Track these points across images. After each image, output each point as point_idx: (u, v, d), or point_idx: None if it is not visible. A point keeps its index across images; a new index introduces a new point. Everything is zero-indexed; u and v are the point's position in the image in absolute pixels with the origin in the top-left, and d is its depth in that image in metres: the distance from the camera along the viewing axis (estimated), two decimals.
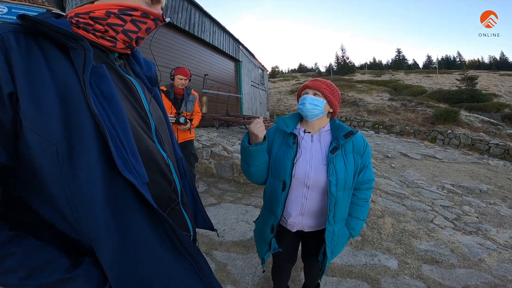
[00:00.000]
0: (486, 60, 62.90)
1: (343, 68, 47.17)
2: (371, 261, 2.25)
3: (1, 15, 7.42)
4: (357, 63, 65.76)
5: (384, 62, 69.52)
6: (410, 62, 63.88)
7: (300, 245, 1.55)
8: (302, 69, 79.06)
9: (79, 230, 0.48)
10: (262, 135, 1.17)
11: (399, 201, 3.72)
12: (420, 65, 64.81)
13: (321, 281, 1.75)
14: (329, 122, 1.35)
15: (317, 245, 1.38)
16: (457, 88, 20.32)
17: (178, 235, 0.55)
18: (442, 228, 2.99)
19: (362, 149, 1.29)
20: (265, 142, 1.22)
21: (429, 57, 66.57)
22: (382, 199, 3.72)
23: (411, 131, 14.06)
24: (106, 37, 0.59)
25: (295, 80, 38.44)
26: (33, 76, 0.45)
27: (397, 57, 60.87)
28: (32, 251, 0.45)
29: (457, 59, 61.31)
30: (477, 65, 56.46)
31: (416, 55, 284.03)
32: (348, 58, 52.81)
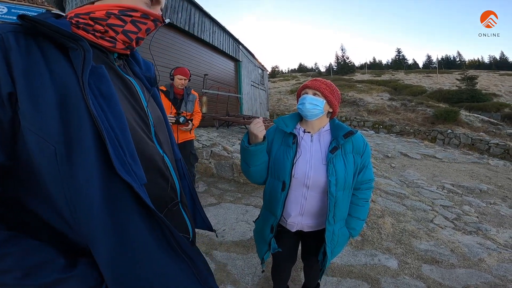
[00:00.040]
0: (486, 60, 62.97)
1: (343, 68, 47.17)
2: (371, 261, 2.25)
3: (0, 15, 7.43)
4: (357, 63, 65.81)
5: (384, 62, 69.54)
6: (410, 62, 64.05)
7: (300, 245, 1.55)
8: (302, 69, 79.08)
9: (76, 231, 0.48)
10: (262, 135, 1.17)
11: (399, 201, 3.72)
12: (420, 65, 64.86)
13: (321, 281, 1.75)
14: (328, 122, 1.34)
15: (316, 245, 1.38)
16: (457, 88, 20.34)
17: (176, 236, 0.55)
18: (442, 228, 2.98)
19: (362, 149, 1.29)
20: (264, 142, 1.21)
21: (429, 57, 66.61)
22: (382, 199, 3.72)
23: (411, 131, 14.06)
24: (106, 37, 0.59)
25: (295, 80, 38.44)
26: (33, 76, 0.45)
27: (397, 57, 60.92)
28: (30, 251, 0.45)
29: (457, 59, 61.30)
30: (477, 65, 56.48)
31: (416, 55, 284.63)
32: (348, 58, 52.81)
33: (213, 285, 0.60)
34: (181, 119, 2.69)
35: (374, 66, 62.20)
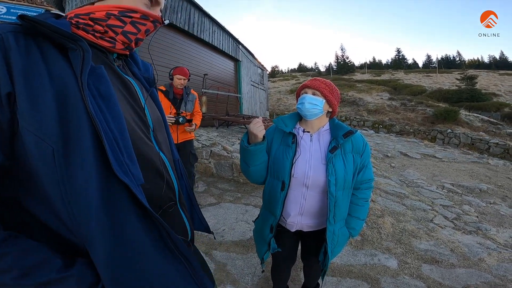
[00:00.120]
0: (486, 60, 63.03)
1: (343, 67, 47.18)
2: (371, 260, 2.25)
3: (0, 15, 7.42)
4: (357, 63, 65.89)
5: (383, 61, 69.40)
6: (410, 61, 64.11)
7: (300, 245, 1.55)
8: (301, 69, 79.16)
9: (74, 231, 0.48)
10: (261, 135, 1.17)
11: (399, 201, 3.72)
12: (420, 65, 64.91)
13: (320, 280, 1.75)
14: (328, 121, 1.34)
15: (316, 245, 1.38)
16: (456, 87, 20.36)
17: (172, 237, 0.55)
18: (442, 228, 2.98)
19: (362, 148, 1.29)
20: (264, 142, 1.21)
21: (428, 57, 66.68)
22: (382, 198, 3.72)
23: (411, 130, 14.06)
24: (105, 38, 0.60)
25: (295, 80, 38.47)
26: (32, 77, 0.45)
27: (396, 56, 60.94)
28: (28, 251, 0.44)
29: (457, 59, 61.37)
30: (477, 64, 56.49)
31: (416, 54, 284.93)
32: (348, 58, 52.80)
33: (209, 286, 0.60)
34: (181, 119, 2.69)
35: (374, 66, 62.21)
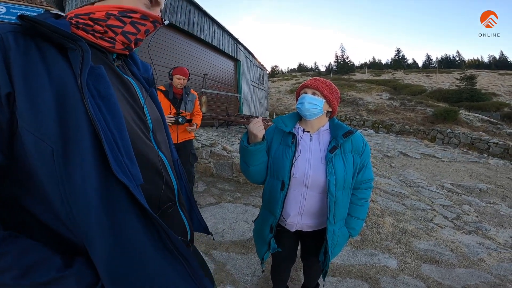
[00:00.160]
0: (486, 60, 63.02)
1: (343, 67, 47.13)
2: (371, 260, 2.25)
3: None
4: (357, 63, 65.85)
5: (383, 61, 69.38)
6: (410, 61, 63.95)
7: (299, 245, 1.55)
8: (301, 69, 79.14)
9: (73, 231, 0.48)
10: (261, 135, 1.17)
11: (398, 201, 3.72)
12: (420, 65, 64.86)
13: (320, 281, 1.75)
14: (328, 121, 1.34)
15: (316, 245, 1.38)
16: (456, 87, 20.35)
17: (171, 237, 0.55)
18: (441, 228, 2.98)
19: (361, 148, 1.29)
20: (264, 142, 1.21)
21: (428, 57, 66.63)
22: (381, 198, 3.72)
23: (411, 130, 14.06)
24: (105, 38, 0.60)
25: (295, 80, 38.47)
26: (31, 77, 0.45)
27: (396, 56, 60.82)
28: (27, 250, 0.45)
29: (457, 59, 61.34)
30: (477, 64, 56.48)
31: (416, 54, 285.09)
32: (348, 58, 52.75)
33: (208, 286, 0.60)
34: (180, 119, 2.69)
35: (374, 66, 62.16)
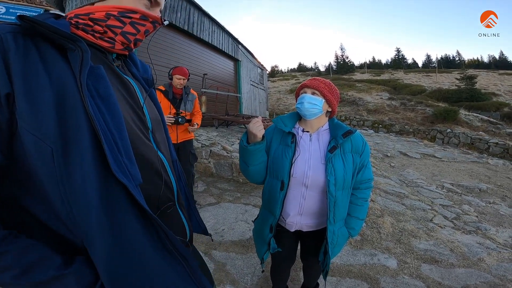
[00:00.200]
0: (486, 59, 63.04)
1: (343, 67, 47.12)
2: (371, 260, 2.25)
3: None
4: (357, 63, 65.86)
5: (383, 61, 69.40)
6: (410, 61, 63.96)
7: (299, 244, 1.55)
8: (301, 69, 79.17)
9: (73, 231, 0.48)
10: (261, 135, 1.17)
11: (398, 200, 3.72)
12: (420, 64, 64.88)
13: (320, 281, 1.75)
14: (327, 121, 1.34)
15: (316, 245, 1.38)
16: (456, 87, 20.35)
17: (170, 237, 0.55)
18: (441, 228, 2.98)
19: (361, 148, 1.28)
20: (263, 142, 1.21)
21: (428, 57, 66.63)
22: (381, 198, 3.72)
23: (411, 130, 14.07)
24: (104, 38, 0.60)
25: (295, 80, 38.46)
26: (31, 77, 0.45)
27: (396, 56, 60.80)
28: (27, 249, 0.45)
29: (457, 58, 61.32)
30: (477, 64, 56.45)
31: (416, 54, 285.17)
32: (348, 58, 52.73)
33: (208, 286, 0.61)
34: (180, 119, 2.68)
35: (374, 66, 62.13)
